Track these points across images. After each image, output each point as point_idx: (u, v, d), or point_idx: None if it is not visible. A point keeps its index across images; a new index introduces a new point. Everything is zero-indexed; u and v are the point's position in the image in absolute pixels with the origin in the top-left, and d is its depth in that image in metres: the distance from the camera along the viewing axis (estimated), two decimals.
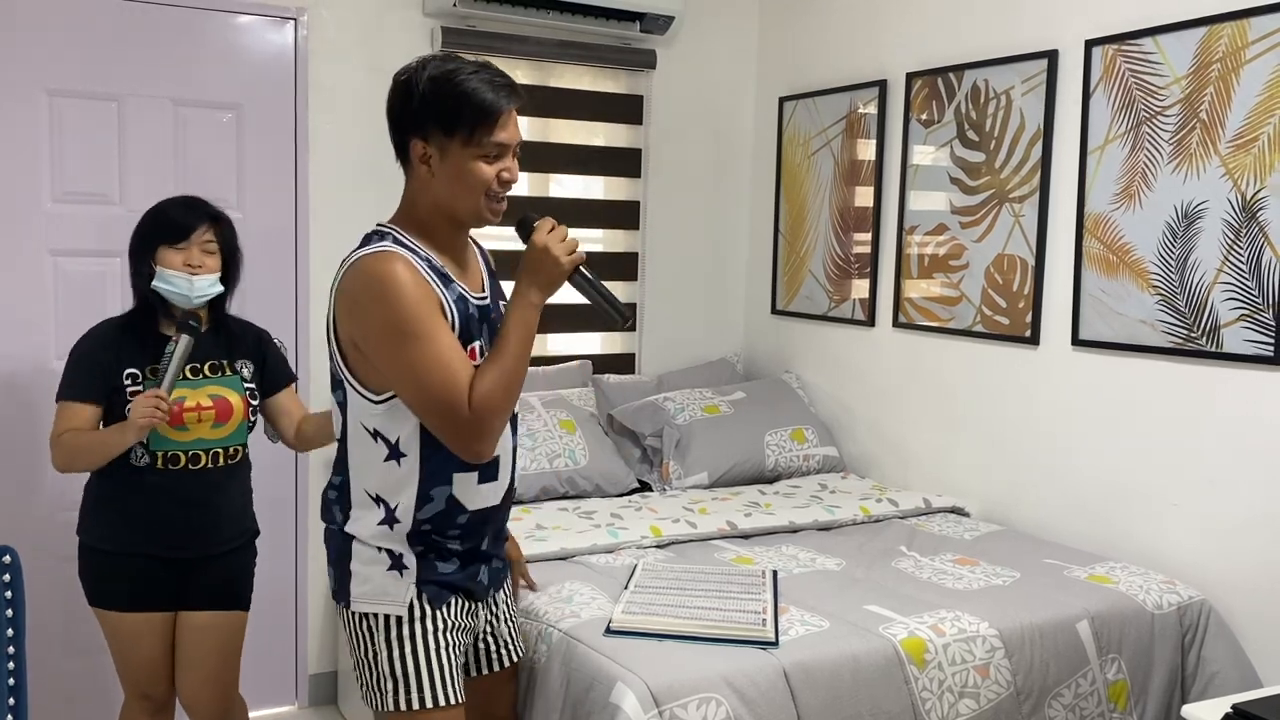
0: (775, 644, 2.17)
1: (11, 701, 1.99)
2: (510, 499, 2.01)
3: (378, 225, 1.90)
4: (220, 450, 2.41)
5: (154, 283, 2.34)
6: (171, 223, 2.35)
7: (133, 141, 3.18)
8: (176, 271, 2.33)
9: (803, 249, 3.96)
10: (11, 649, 2.00)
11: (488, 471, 1.91)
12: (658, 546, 2.85)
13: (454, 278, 1.88)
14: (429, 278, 1.81)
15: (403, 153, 1.87)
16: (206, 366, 2.42)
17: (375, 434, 1.86)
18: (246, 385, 2.46)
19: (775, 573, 2.57)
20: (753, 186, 4.23)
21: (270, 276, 3.37)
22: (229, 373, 2.44)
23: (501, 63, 3.73)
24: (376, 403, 1.84)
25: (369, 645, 1.90)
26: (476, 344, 1.88)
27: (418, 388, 1.76)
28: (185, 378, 2.36)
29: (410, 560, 1.89)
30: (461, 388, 1.75)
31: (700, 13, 4.03)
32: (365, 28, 3.50)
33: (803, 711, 2.09)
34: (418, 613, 1.89)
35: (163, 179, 3.21)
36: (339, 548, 1.93)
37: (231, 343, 2.47)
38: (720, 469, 3.49)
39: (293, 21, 3.36)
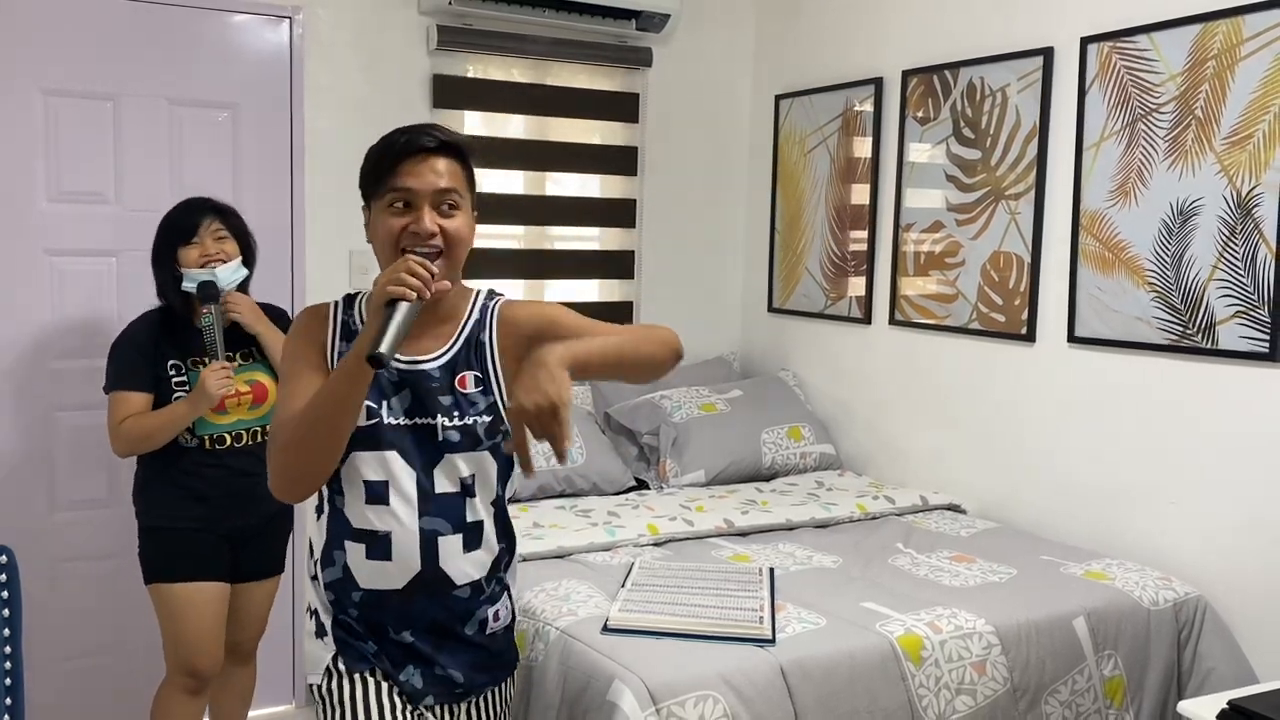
0: (772, 641, 2.17)
1: (9, 701, 1.99)
2: (438, 592, 1.70)
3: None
4: (259, 428, 2.61)
5: (185, 286, 2.53)
6: (178, 224, 2.57)
7: (128, 141, 3.18)
8: (199, 269, 2.52)
9: (799, 247, 3.96)
10: (8, 649, 2.00)
11: (375, 548, 1.67)
12: (655, 544, 2.85)
13: None
14: (330, 331, 1.71)
15: None
16: (239, 354, 2.60)
17: None
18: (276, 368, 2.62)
19: (772, 570, 2.58)
20: (749, 184, 4.24)
21: (266, 276, 3.35)
22: (259, 357, 2.62)
23: (498, 61, 3.75)
24: None
25: None
26: (368, 404, 1.65)
27: None
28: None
29: (328, 621, 1.73)
30: (278, 424, 1.63)
31: (696, 11, 4.02)
32: (361, 26, 3.49)
33: (800, 709, 2.09)
34: (334, 677, 1.71)
35: (158, 178, 3.21)
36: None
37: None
38: (717, 467, 3.49)
39: (288, 20, 3.35)
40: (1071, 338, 2.97)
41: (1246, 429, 2.59)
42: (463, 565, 1.70)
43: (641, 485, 3.51)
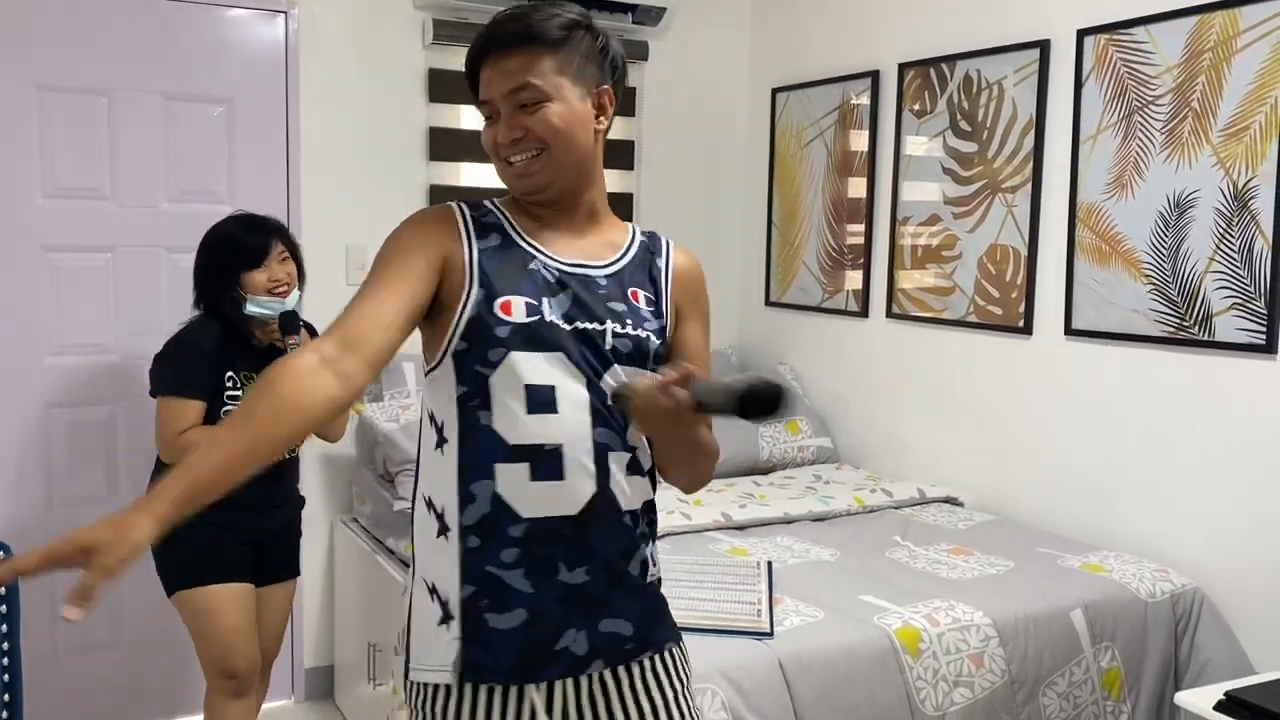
0: (770, 635, 2.17)
1: (7, 698, 1.99)
2: (612, 520, 1.46)
3: None
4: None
5: (249, 309, 2.52)
6: (246, 247, 2.54)
7: (123, 136, 3.17)
8: (267, 297, 2.52)
9: (796, 240, 3.96)
10: (6, 645, 2.00)
11: (544, 466, 1.42)
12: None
13: (530, 240, 1.51)
14: (464, 230, 1.50)
15: None
16: None
17: (431, 416, 1.50)
18: None
19: (770, 564, 2.58)
20: (746, 178, 4.23)
21: None
22: None
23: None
24: (427, 373, 1.52)
25: None
26: (511, 298, 1.45)
27: None
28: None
29: (453, 593, 1.44)
30: (339, 321, 1.38)
31: (692, 4, 4.02)
32: (357, 21, 3.49)
33: (798, 701, 2.09)
34: (449, 696, 1.44)
35: (153, 174, 3.21)
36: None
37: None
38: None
39: (283, 15, 3.35)
40: (1068, 330, 2.97)
41: (1243, 421, 2.59)
42: (627, 488, 1.47)
43: None
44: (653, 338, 1.51)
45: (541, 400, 1.43)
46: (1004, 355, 3.18)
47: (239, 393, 2.53)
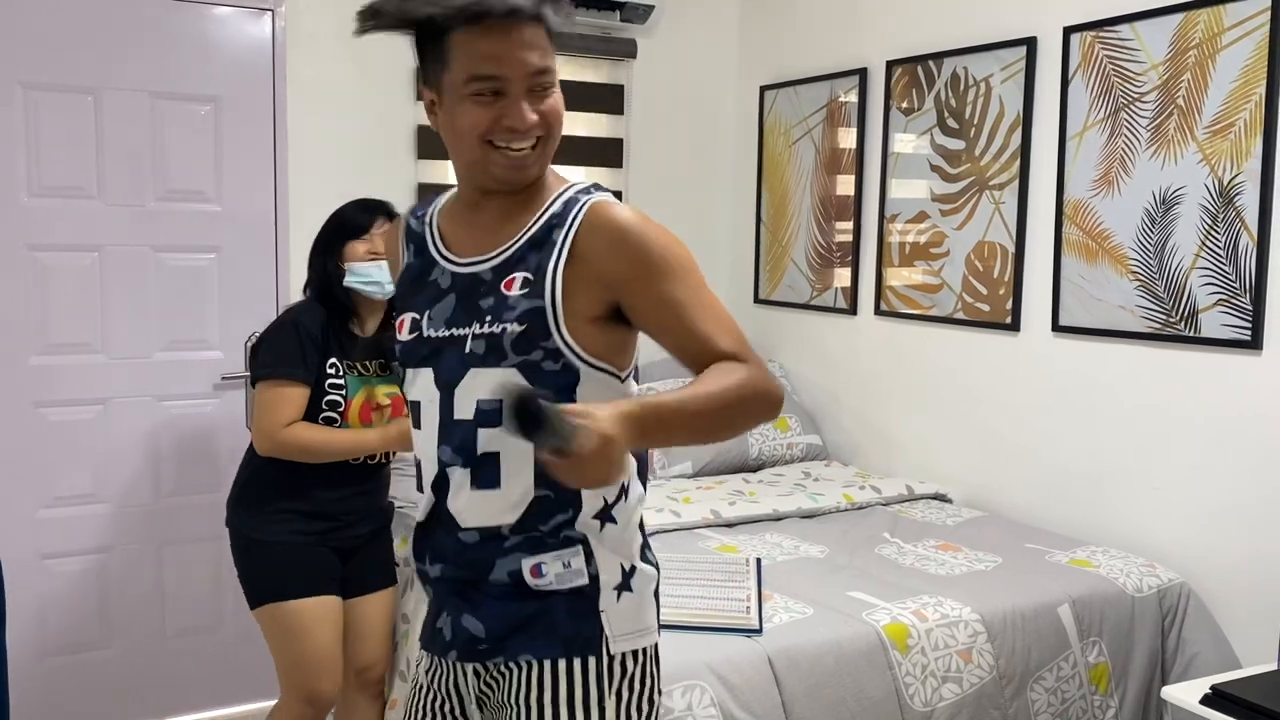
0: (759, 631, 2.18)
1: None
2: (451, 531, 1.45)
3: None
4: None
5: (346, 280, 2.42)
6: (352, 220, 2.48)
7: (110, 135, 3.16)
8: (364, 263, 2.42)
9: (785, 238, 3.96)
10: None
11: (419, 476, 1.51)
12: None
13: (441, 246, 1.50)
14: (402, 247, 1.55)
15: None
16: (376, 365, 2.49)
17: None
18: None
19: (759, 560, 2.58)
20: (734, 176, 4.24)
21: (250, 269, 3.36)
22: (392, 371, 2.50)
23: None
24: None
25: None
26: (403, 316, 1.49)
27: None
28: (360, 373, 2.45)
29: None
30: None
31: (680, 2, 4.02)
32: (344, 19, 3.45)
33: (787, 697, 2.10)
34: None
35: (140, 172, 3.19)
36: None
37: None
38: (704, 458, 3.50)
39: (270, 13, 3.34)
40: (1056, 327, 2.98)
41: (1229, 417, 2.61)
42: (468, 504, 1.42)
43: None
44: (510, 327, 1.38)
45: (415, 416, 1.48)
46: (992, 352, 3.19)
47: (343, 382, 2.40)
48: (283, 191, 3.40)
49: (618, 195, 3.98)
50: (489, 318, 1.40)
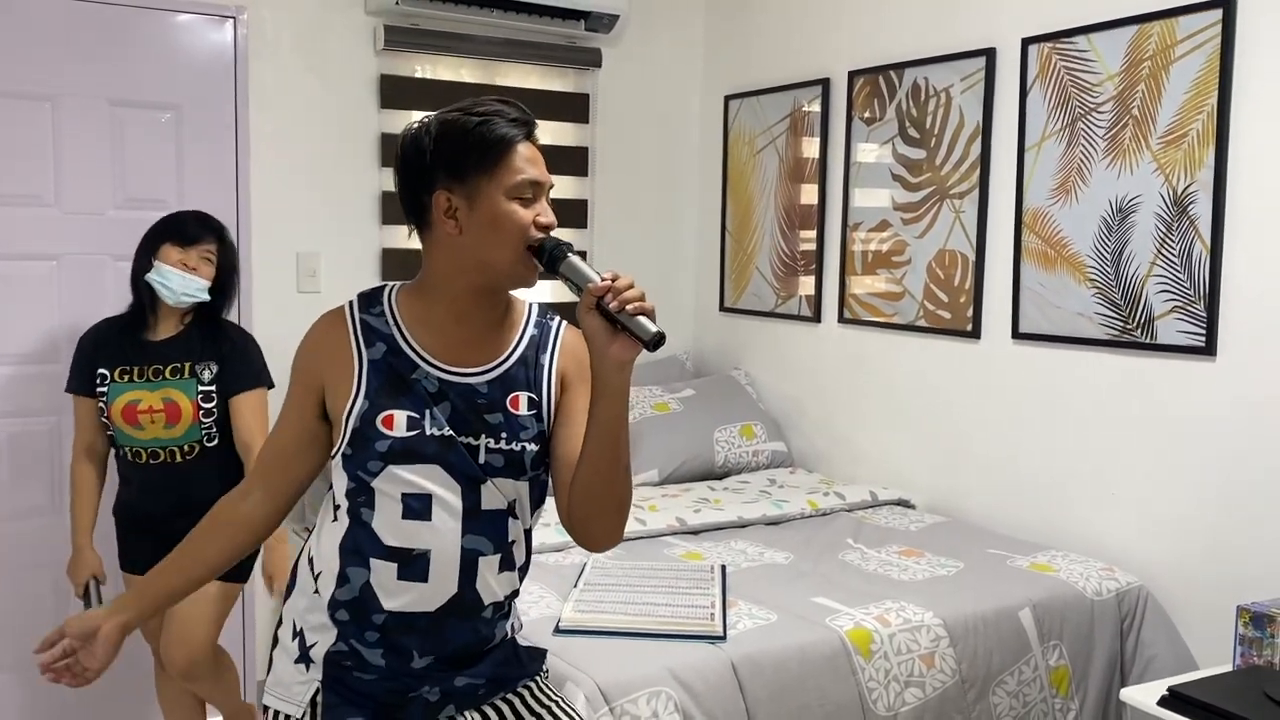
0: (723, 638, 2.18)
1: None
2: (470, 615, 1.59)
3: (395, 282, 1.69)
4: (176, 448, 2.58)
5: (148, 275, 2.53)
6: (181, 227, 2.59)
7: (68, 143, 3.12)
8: (171, 267, 2.53)
9: (750, 246, 3.98)
10: None
11: (410, 567, 1.54)
12: None
13: (416, 347, 1.58)
14: (353, 339, 1.58)
15: (420, 213, 1.57)
16: (168, 369, 2.57)
17: (332, 490, 1.63)
18: (202, 388, 2.57)
19: (724, 567, 2.59)
20: (700, 184, 4.25)
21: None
22: (186, 376, 2.58)
23: (446, 61, 3.73)
24: (330, 456, 1.65)
25: None
26: (393, 412, 1.54)
27: None
28: (148, 380, 2.55)
29: (320, 647, 1.59)
30: (260, 455, 1.66)
31: (646, 12, 4.04)
32: (306, 26, 3.46)
33: (750, 703, 2.10)
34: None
35: (99, 180, 3.16)
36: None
37: (203, 346, 2.61)
38: (670, 466, 3.50)
39: (232, 20, 3.31)
40: (1015, 334, 3.02)
41: (1185, 421, 2.65)
42: (494, 585, 1.59)
43: None
44: (529, 447, 1.57)
45: (416, 508, 1.54)
46: (953, 359, 3.22)
47: (106, 389, 2.56)
48: (244, 200, 3.37)
49: (584, 204, 4.01)
50: (503, 434, 1.56)
